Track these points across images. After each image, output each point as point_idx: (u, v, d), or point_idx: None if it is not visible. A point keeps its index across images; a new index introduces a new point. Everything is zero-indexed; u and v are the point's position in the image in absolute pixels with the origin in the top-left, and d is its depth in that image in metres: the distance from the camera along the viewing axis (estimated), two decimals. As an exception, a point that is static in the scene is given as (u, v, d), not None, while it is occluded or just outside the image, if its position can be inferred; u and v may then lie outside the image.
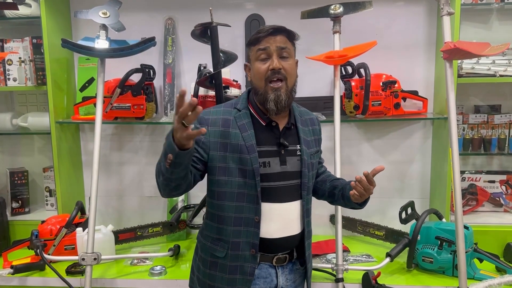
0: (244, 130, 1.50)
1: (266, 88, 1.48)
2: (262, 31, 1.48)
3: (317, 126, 1.69)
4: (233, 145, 1.48)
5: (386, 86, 2.24)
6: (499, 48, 1.76)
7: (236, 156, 1.48)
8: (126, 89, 2.27)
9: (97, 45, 2.00)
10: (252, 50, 1.52)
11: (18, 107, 2.74)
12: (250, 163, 1.47)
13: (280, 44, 1.48)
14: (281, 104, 1.48)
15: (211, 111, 1.54)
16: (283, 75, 1.48)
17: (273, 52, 1.47)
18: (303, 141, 1.57)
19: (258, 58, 1.49)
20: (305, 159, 1.55)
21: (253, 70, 1.52)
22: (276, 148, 1.52)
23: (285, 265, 1.58)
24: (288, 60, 1.49)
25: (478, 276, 1.97)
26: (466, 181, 2.49)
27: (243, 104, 1.56)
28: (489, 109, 2.50)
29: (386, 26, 2.40)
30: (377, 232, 2.32)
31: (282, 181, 1.52)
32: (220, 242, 1.52)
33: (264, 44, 1.47)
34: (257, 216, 1.49)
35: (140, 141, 2.61)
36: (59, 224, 2.23)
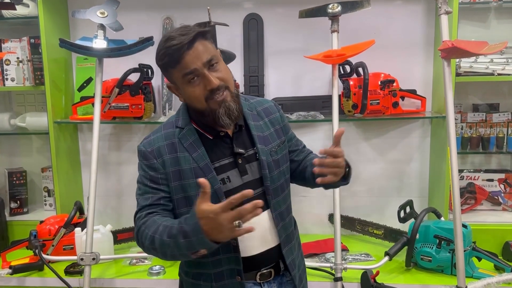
0: (193, 150, 1.33)
1: (210, 105, 1.29)
2: (175, 46, 1.23)
3: (276, 114, 1.49)
4: (185, 171, 1.32)
5: (384, 85, 2.24)
6: (497, 47, 1.76)
7: (192, 182, 1.31)
8: (124, 89, 2.27)
9: (95, 45, 1.99)
10: (174, 74, 1.28)
11: (16, 107, 2.74)
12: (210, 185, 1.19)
13: (205, 56, 1.25)
14: (234, 114, 1.30)
15: (152, 140, 1.37)
16: (223, 87, 1.29)
17: (202, 70, 1.25)
18: (258, 140, 1.39)
19: (187, 81, 1.27)
20: (263, 160, 1.37)
21: (186, 94, 1.31)
22: (232, 159, 1.36)
23: (272, 280, 1.43)
24: (219, 66, 1.29)
25: (477, 275, 1.97)
26: (465, 180, 2.49)
27: (184, 120, 1.37)
28: (487, 108, 2.50)
29: (384, 25, 2.40)
30: (376, 231, 2.32)
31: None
32: (202, 276, 1.38)
33: (189, 66, 1.24)
34: (234, 240, 1.33)
35: (138, 141, 2.57)
36: (57, 224, 2.23)
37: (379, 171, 2.53)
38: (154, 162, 1.35)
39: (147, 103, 2.34)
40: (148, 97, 2.34)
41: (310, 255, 2.22)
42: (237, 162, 1.37)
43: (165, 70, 1.32)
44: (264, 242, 1.40)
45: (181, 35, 1.24)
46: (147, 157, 1.36)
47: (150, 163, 1.35)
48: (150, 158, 1.35)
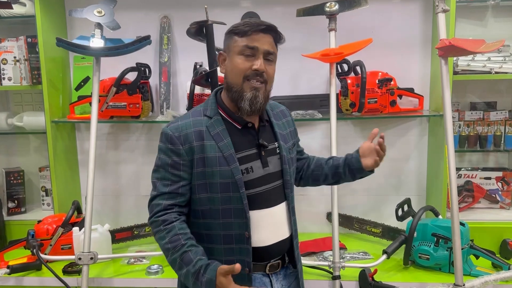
0: (219, 139, 1.39)
1: (243, 86, 1.37)
2: (251, 25, 1.36)
3: (289, 117, 1.61)
4: (210, 159, 1.37)
5: (382, 84, 2.24)
6: (494, 45, 1.76)
7: (216, 170, 1.37)
8: (122, 88, 2.26)
9: (92, 44, 1.99)
10: (236, 41, 1.37)
11: (13, 106, 2.73)
12: (232, 174, 1.36)
13: (269, 47, 1.38)
14: (256, 106, 1.38)
15: (180, 126, 1.40)
16: (264, 78, 1.38)
17: (260, 52, 1.36)
18: (280, 137, 1.49)
19: (242, 53, 1.36)
20: (284, 156, 1.47)
21: (232, 63, 1.39)
22: (255, 151, 1.43)
23: (279, 271, 1.50)
24: (272, 65, 1.41)
25: (474, 273, 1.98)
26: (462, 178, 2.50)
27: (213, 110, 1.44)
28: (485, 106, 2.50)
29: (381, 24, 2.40)
30: (374, 229, 2.33)
31: (266, 185, 1.43)
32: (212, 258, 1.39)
33: (252, 42, 1.35)
34: (247, 231, 1.39)
35: (136, 140, 2.60)
36: (55, 224, 2.23)
37: (377, 170, 2.47)
38: (180, 148, 1.38)
39: (145, 102, 2.33)
40: (146, 96, 2.34)
41: (308, 253, 2.23)
42: (261, 154, 1.44)
43: (231, 36, 1.40)
44: (278, 233, 1.46)
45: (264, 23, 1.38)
46: (173, 142, 1.39)
47: (175, 148, 1.38)
48: (176, 143, 1.38)
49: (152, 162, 2.59)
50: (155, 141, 2.56)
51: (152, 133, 2.58)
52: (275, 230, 1.46)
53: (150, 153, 2.59)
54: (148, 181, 2.57)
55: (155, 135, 2.58)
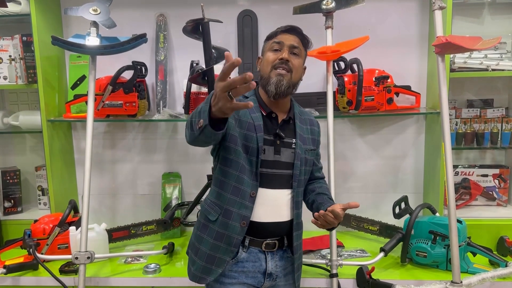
0: (252, 112, 1.57)
1: (270, 74, 1.57)
2: (280, 28, 1.61)
3: (316, 128, 1.75)
4: (242, 122, 1.54)
5: (379, 81, 2.23)
6: (491, 42, 1.76)
7: (242, 132, 1.53)
8: (118, 87, 2.25)
9: (88, 42, 1.98)
10: (268, 43, 1.62)
11: (9, 105, 2.72)
12: (256, 141, 1.53)
13: (294, 42, 1.58)
14: (281, 89, 1.54)
15: None
16: (289, 67, 1.56)
17: (286, 46, 1.57)
18: (299, 136, 1.63)
19: (271, 48, 1.59)
20: (298, 152, 1.61)
21: (264, 58, 1.61)
22: (272, 138, 1.58)
23: (275, 251, 1.62)
24: (298, 58, 1.60)
25: (472, 270, 1.98)
26: (459, 175, 2.50)
27: (250, 93, 1.63)
28: (481, 104, 2.51)
29: (378, 21, 2.40)
30: (371, 227, 2.33)
31: (274, 169, 1.58)
32: (215, 207, 1.58)
33: (279, 38, 1.59)
34: (254, 192, 1.55)
35: (133, 138, 2.59)
36: (52, 223, 2.22)
37: (374, 167, 2.53)
38: None
39: (141, 100, 2.32)
40: (142, 94, 2.33)
41: (305, 251, 2.23)
42: (276, 142, 1.59)
43: (265, 42, 1.65)
44: (278, 214, 1.60)
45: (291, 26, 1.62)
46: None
47: None
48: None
49: (148, 161, 2.62)
50: (151, 139, 2.57)
51: (148, 131, 2.58)
52: (275, 210, 1.59)
53: (146, 152, 2.59)
54: (145, 180, 2.62)
55: (151, 134, 2.57)
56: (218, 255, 1.56)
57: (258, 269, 1.60)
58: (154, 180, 2.60)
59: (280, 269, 1.63)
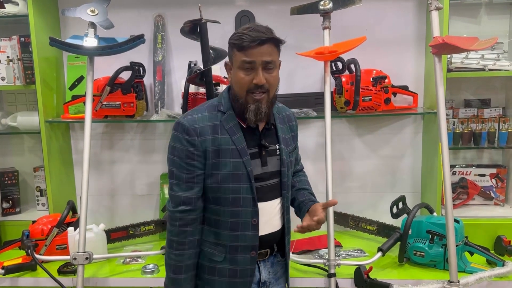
0: (233, 133, 1.48)
1: (247, 98, 1.45)
2: (248, 40, 1.39)
3: (294, 122, 1.69)
4: (224, 151, 1.46)
5: (376, 82, 2.24)
6: (488, 43, 1.77)
7: (229, 162, 1.46)
8: (116, 87, 2.25)
9: (86, 43, 1.98)
10: (236, 55, 1.45)
11: (7, 106, 2.71)
12: (244, 166, 1.46)
13: (267, 57, 1.42)
14: (260, 116, 1.46)
15: (197, 119, 1.48)
16: (265, 88, 1.45)
17: (258, 65, 1.42)
18: (282, 140, 1.57)
19: (242, 67, 1.43)
20: (284, 159, 1.56)
21: (235, 77, 1.46)
22: (257, 150, 1.52)
23: (267, 259, 1.61)
24: (273, 71, 1.45)
25: (469, 269, 1.99)
26: (457, 175, 2.51)
27: (226, 106, 1.51)
28: (479, 103, 2.51)
29: (375, 22, 2.40)
30: (369, 227, 2.33)
31: (263, 181, 1.53)
32: (218, 247, 1.51)
33: (250, 57, 1.41)
34: (255, 219, 1.50)
35: (131, 139, 2.59)
36: (50, 224, 2.22)
37: (372, 167, 2.53)
38: (196, 139, 1.45)
39: (139, 101, 2.32)
40: (140, 95, 2.33)
41: (303, 251, 2.23)
42: (261, 153, 1.53)
43: (232, 49, 1.47)
44: (270, 225, 1.56)
45: (261, 32, 1.41)
46: (190, 133, 1.46)
47: (191, 139, 1.45)
48: (192, 134, 1.46)
49: (147, 161, 2.61)
50: (150, 140, 2.57)
51: (146, 132, 2.58)
52: (268, 221, 1.55)
53: (145, 153, 2.59)
54: (143, 181, 2.61)
55: (149, 135, 2.57)
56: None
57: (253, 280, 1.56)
58: (153, 181, 2.60)
59: (272, 275, 1.62)
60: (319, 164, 2.43)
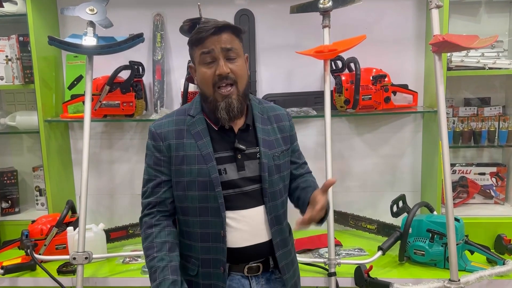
0: (199, 138, 1.40)
1: (215, 95, 1.37)
2: (203, 30, 1.33)
3: (286, 122, 1.55)
4: (189, 157, 1.39)
5: (376, 80, 2.24)
6: (488, 41, 1.76)
7: (194, 168, 1.38)
8: (115, 87, 2.25)
9: (85, 42, 1.98)
10: (195, 52, 1.38)
11: (6, 106, 2.71)
12: (208, 173, 1.37)
13: (226, 44, 1.34)
14: (233, 112, 1.37)
15: (163, 123, 1.45)
16: (232, 79, 1.36)
17: (218, 54, 1.34)
18: (262, 143, 1.44)
19: (203, 62, 1.36)
20: (264, 162, 1.42)
21: (199, 75, 1.39)
22: (231, 153, 1.42)
23: (260, 275, 1.46)
24: (236, 61, 1.37)
25: (469, 268, 1.98)
26: (457, 174, 2.50)
27: (196, 110, 1.45)
28: (479, 102, 2.51)
29: (375, 20, 2.40)
30: (369, 226, 2.33)
31: (242, 187, 1.41)
32: (191, 260, 1.44)
33: (208, 46, 1.34)
34: (222, 230, 1.38)
35: (130, 138, 2.59)
36: (49, 224, 2.21)
37: (372, 166, 2.53)
38: (160, 144, 1.43)
39: (138, 100, 2.32)
40: (139, 94, 2.33)
41: (303, 250, 2.23)
42: (236, 157, 1.42)
43: (191, 48, 1.41)
44: (255, 235, 1.43)
45: (215, 22, 1.35)
46: (155, 138, 1.44)
47: (156, 144, 1.44)
48: (157, 139, 1.44)
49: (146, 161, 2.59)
50: (149, 139, 2.56)
51: (146, 131, 2.52)
52: (252, 232, 1.42)
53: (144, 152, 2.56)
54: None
55: (149, 134, 2.57)
56: None
57: None
58: (152, 180, 2.59)
59: None
60: (319, 163, 2.42)
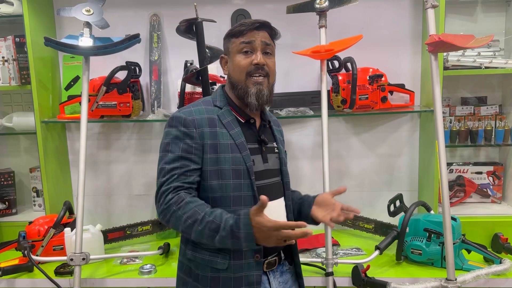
0: (231, 128, 1.44)
1: (246, 82, 1.44)
2: (246, 24, 1.43)
3: (281, 128, 1.70)
4: (222, 145, 1.41)
5: (373, 80, 2.24)
6: (484, 40, 1.77)
7: (228, 156, 1.40)
8: (112, 87, 2.25)
9: (81, 43, 1.97)
10: (234, 42, 1.46)
11: (2, 107, 2.70)
12: (243, 161, 1.41)
13: (265, 39, 1.45)
14: (263, 99, 1.44)
15: (193, 111, 1.44)
16: (265, 71, 1.44)
17: (257, 46, 1.43)
18: (278, 140, 1.58)
19: (241, 50, 1.44)
20: (283, 158, 1.56)
21: (234, 62, 1.46)
22: (257, 146, 1.49)
23: (275, 269, 1.52)
24: (271, 57, 1.48)
25: (466, 267, 1.99)
26: (454, 173, 2.51)
27: (222, 102, 1.49)
28: (475, 101, 2.52)
29: (372, 20, 2.40)
30: (366, 225, 2.33)
31: (266, 179, 1.48)
32: (221, 254, 1.40)
33: (248, 38, 1.43)
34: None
35: (127, 139, 2.59)
36: (47, 225, 2.21)
37: (369, 166, 2.54)
38: (193, 131, 1.41)
39: (135, 101, 2.32)
40: (136, 95, 2.33)
41: (301, 250, 2.23)
42: (261, 149, 1.50)
43: (228, 39, 1.48)
44: None
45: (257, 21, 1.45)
46: (187, 125, 1.41)
47: (189, 131, 1.41)
48: (190, 126, 1.41)
49: (143, 161, 2.61)
50: (146, 140, 2.56)
51: (143, 132, 2.57)
52: None
53: (141, 152, 2.58)
54: (140, 181, 2.60)
55: (146, 134, 2.57)
56: None
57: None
58: (149, 181, 2.59)
59: (283, 285, 1.53)
60: (316, 163, 2.44)
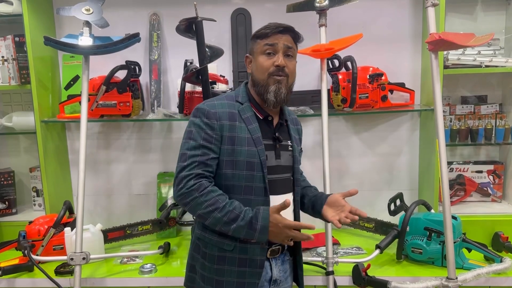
0: (249, 123, 1.54)
1: (268, 80, 1.54)
2: (271, 27, 1.53)
3: (300, 127, 1.77)
4: (240, 138, 1.51)
5: (373, 79, 2.24)
6: (484, 39, 1.77)
7: (243, 149, 1.51)
8: (112, 87, 2.25)
9: (81, 42, 1.97)
10: (259, 43, 1.56)
11: (2, 106, 2.70)
12: (258, 155, 1.51)
13: (288, 43, 1.54)
14: (281, 97, 1.54)
15: (216, 104, 1.55)
16: (285, 73, 1.54)
17: (280, 49, 1.53)
18: (294, 139, 1.65)
19: (264, 52, 1.54)
20: (296, 156, 1.64)
21: (257, 63, 1.56)
22: (271, 142, 1.58)
23: (278, 256, 1.62)
24: (292, 60, 1.57)
25: (467, 266, 1.99)
26: (454, 172, 2.51)
27: (244, 98, 1.60)
28: (475, 100, 2.52)
29: (372, 19, 2.40)
30: (367, 224, 2.33)
31: (277, 174, 1.57)
32: (228, 237, 1.51)
33: (272, 40, 1.53)
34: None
35: (127, 138, 2.58)
36: (47, 224, 2.21)
37: (369, 165, 2.53)
38: (215, 123, 1.51)
39: (135, 100, 2.32)
40: (136, 94, 2.32)
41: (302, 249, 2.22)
42: (275, 146, 1.59)
43: (254, 40, 1.59)
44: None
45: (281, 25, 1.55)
46: (209, 116, 1.52)
47: (210, 122, 1.51)
48: (212, 117, 1.52)
49: (143, 161, 2.61)
50: (146, 139, 2.56)
51: (143, 131, 2.57)
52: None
53: (141, 152, 2.58)
54: (140, 180, 2.60)
55: (146, 134, 2.56)
56: (247, 280, 1.52)
57: (265, 278, 1.58)
58: (149, 180, 2.59)
59: (282, 273, 1.64)
60: (317, 162, 2.43)
